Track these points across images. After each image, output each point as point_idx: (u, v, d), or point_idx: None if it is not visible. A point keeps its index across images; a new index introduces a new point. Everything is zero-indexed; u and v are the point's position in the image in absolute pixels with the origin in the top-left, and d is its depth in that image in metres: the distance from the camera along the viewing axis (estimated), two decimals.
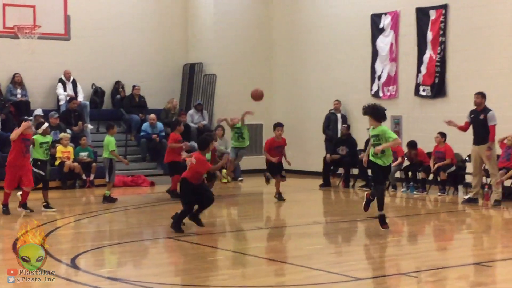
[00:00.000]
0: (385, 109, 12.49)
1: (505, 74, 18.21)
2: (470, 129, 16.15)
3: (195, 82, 24.67)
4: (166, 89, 24.52)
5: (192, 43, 25.04)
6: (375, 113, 12.31)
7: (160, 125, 22.13)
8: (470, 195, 16.39)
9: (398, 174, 19.23)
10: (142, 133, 21.94)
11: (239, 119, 17.89)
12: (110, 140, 16.35)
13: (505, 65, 18.30)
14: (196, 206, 12.53)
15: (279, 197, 16.76)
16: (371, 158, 12.28)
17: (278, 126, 16.89)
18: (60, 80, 22.09)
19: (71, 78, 22.18)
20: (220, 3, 24.13)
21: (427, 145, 18.72)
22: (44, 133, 15.33)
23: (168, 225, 13.46)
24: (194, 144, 21.67)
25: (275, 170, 16.72)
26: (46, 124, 15.68)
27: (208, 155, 15.00)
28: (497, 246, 11.65)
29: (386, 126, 12.55)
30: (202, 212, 12.68)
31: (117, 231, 13.32)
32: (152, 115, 22.04)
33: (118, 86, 23.44)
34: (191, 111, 23.45)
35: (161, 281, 8.89)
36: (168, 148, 17.37)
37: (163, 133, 21.98)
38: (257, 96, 17.37)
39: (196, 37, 24.87)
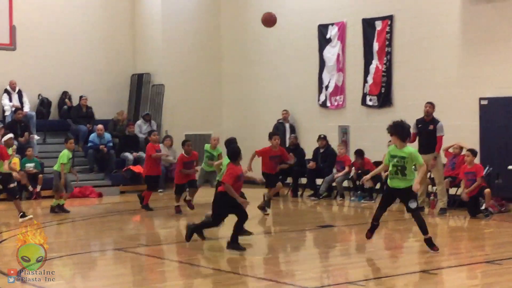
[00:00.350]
0: (410, 126, 11.76)
1: (450, 84, 18.48)
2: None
3: (143, 92, 24.53)
4: (114, 99, 24.38)
5: (140, 53, 24.92)
6: (401, 132, 11.25)
7: (108, 135, 21.98)
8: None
9: (346, 183, 19.40)
10: (89, 144, 21.74)
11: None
12: (63, 153, 16.27)
13: (449, 75, 18.58)
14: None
15: (266, 204, 16.04)
16: (389, 181, 11.39)
17: (274, 134, 16.24)
18: (6, 91, 21.81)
19: (17, 89, 21.91)
20: (168, 13, 24.04)
21: (374, 154, 18.89)
22: (8, 144, 15.08)
23: (116, 236, 13.40)
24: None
25: (271, 182, 16.05)
26: (11, 134, 15.48)
27: None
28: (443, 254, 11.76)
29: (413, 148, 11.52)
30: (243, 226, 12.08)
31: (65, 243, 13.15)
32: (100, 126, 21.89)
33: (65, 97, 23.24)
34: (139, 122, 23.32)
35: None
36: (148, 160, 17.15)
37: (111, 144, 21.85)
38: (270, 21, 16.26)
39: (144, 47, 24.77)
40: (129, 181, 21.55)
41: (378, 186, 18.65)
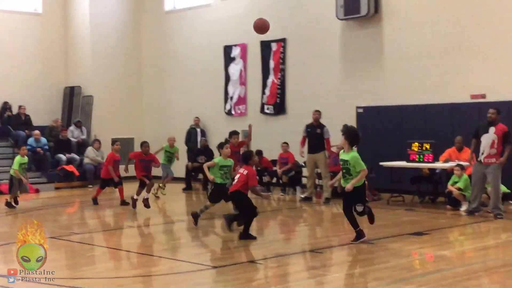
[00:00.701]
0: (360, 135, 10.60)
1: (332, 95, 18.79)
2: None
3: (74, 102, 24.07)
4: (49, 108, 23.87)
5: (71, 69, 24.41)
6: (352, 137, 10.37)
7: (44, 140, 21.47)
8: (306, 194, 16.82)
9: None
10: (28, 147, 21.09)
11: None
12: (15, 159, 15.83)
13: (332, 88, 18.90)
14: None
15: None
16: (341, 181, 10.51)
17: (234, 134, 15.15)
18: None
19: None
20: (96, 34, 23.67)
21: (270, 153, 19.09)
22: None
23: (52, 226, 13.12)
24: (75, 156, 21.18)
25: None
26: None
27: None
28: (328, 236, 11.97)
29: (357, 153, 10.37)
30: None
31: (5, 233, 12.79)
32: (37, 131, 21.38)
33: (6, 106, 22.62)
34: (72, 128, 22.86)
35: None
36: (106, 166, 16.35)
37: (46, 147, 21.37)
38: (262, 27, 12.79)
39: (75, 64, 24.27)
40: (63, 178, 21.16)
41: (274, 180, 18.87)
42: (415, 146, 15.47)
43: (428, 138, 15.63)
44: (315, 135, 16.47)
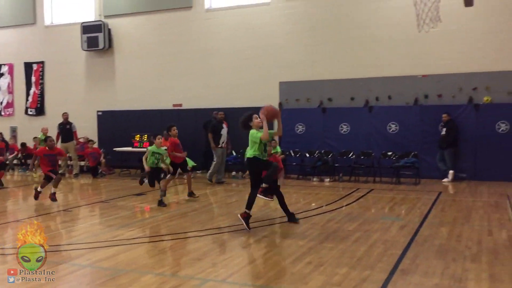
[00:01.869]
0: (248, 116, 7.63)
1: (79, 102, 18.08)
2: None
3: None
4: None
5: None
6: (240, 124, 7.67)
7: None
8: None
9: (15, 161, 17.81)
10: None
11: None
12: None
13: (80, 97, 18.16)
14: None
15: (191, 194, 10.93)
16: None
17: (173, 126, 10.77)
18: None
19: None
20: None
21: (31, 144, 17.70)
22: None
23: None
24: None
25: (181, 168, 10.85)
26: None
27: None
28: (77, 199, 11.46)
29: (254, 131, 7.57)
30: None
31: None
32: None
33: None
34: None
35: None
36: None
37: None
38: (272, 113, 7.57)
39: None
40: None
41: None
42: (137, 137, 15.57)
43: (147, 132, 15.82)
44: (65, 130, 15.72)
